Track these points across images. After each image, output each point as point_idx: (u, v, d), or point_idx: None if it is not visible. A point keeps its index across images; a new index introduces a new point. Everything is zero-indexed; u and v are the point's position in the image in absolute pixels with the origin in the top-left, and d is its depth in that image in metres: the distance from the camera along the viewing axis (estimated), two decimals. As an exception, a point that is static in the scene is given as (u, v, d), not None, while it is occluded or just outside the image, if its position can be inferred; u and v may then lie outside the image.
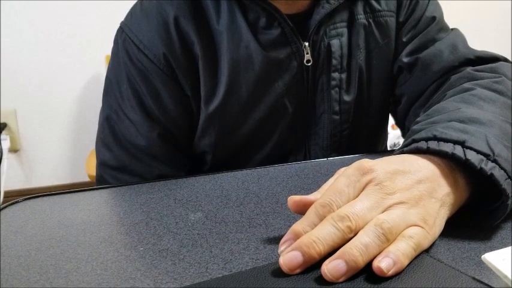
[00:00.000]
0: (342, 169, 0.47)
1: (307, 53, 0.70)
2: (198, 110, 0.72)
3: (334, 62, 0.72)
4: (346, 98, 0.74)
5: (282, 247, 0.41)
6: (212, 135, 0.72)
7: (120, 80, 0.71)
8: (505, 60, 0.73)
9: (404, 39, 0.75)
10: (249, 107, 0.71)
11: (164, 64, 0.68)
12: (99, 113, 0.75)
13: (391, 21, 0.75)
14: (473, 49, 0.73)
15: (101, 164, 0.74)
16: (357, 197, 0.42)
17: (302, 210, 0.44)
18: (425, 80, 0.73)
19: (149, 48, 0.68)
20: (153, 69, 0.69)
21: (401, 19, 0.76)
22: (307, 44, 0.70)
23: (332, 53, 0.72)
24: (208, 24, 0.69)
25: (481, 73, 0.67)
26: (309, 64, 0.71)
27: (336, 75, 0.73)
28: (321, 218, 0.41)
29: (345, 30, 0.72)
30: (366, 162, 0.44)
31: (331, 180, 0.47)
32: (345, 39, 0.72)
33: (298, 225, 0.41)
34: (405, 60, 0.75)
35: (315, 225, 0.41)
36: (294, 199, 0.45)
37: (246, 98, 0.70)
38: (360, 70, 0.74)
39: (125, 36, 0.71)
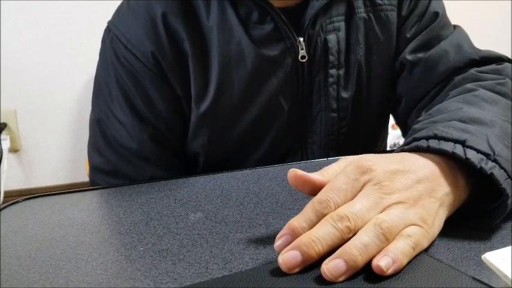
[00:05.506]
0: (348, 158, 0.47)
1: (302, 49, 0.69)
2: (189, 109, 0.70)
3: (331, 58, 0.71)
4: (344, 94, 0.73)
5: (277, 242, 0.41)
6: (204, 136, 0.71)
7: (109, 81, 0.70)
8: (509, 61, 0.72)
9: (408, 35, 0.74)
10: (242, 106, 0.70)
11: (153, 63, 0.67)
12: (89, 116, 0.74)
13: (392, 15, 0.74)
14: (478, 49, 0.73)
15: (93, 169, 0.73)
16: (354, 195, 0.42)
17: (300, 186, 0.44)
18: (429, 82, 0.72)
19: (137, 47, 0.67)
20: (142, 69, 0.67)
21: (403, 13, 0.74)
22: (301, 39, 0.68)
23: (329, 49, 0.70)
24: (198, 20, 0.68)
25: (485, 74, 0.67)
26: (304, 60, 0.69)
27: (333, 71, 0.71)
28: (318, 214, 0.41)
29: (342, 25, 0.71)
30: (365, 161, 0.44)
31: (333, 165, 0.46)
32: (342, 33, 0.71)
33: (295, 221, 0.41)
34: (409, 57, 0.73)
35: (311, 221, 0.41)
36: (296, 173, 0.44)
37: (239, 96, 0.69)
38: (359, 66, 0.73)
39: (112, 36, 0.69)
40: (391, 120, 0.84)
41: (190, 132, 0.72)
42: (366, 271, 0.38)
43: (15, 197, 1.17)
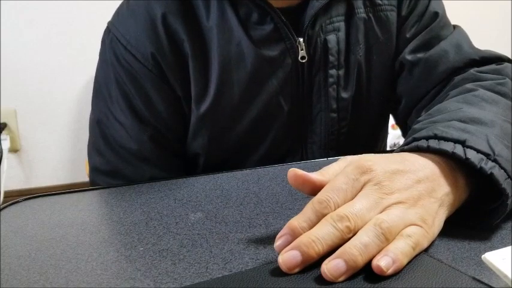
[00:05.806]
0: (348, 158, 0.47)
1: (302, 49, 0.69)
2: (189, 110, 0.70)
3: (331, 58, 0.71)
4: (344, 94, 0.73)
5: (277, 242, 0.41)
6: (204, 136, 0.71)
7: (109, 82, 0.70)
8: (509, 60, 0.72)
9: (407, 35, 0.74)
10: (242, 107, 0.70)
11: (153, 64, 0.67)
12: (89, 116, 0.74)
13: (392, 15, 0.74)
14: (477, 49, 0.73)
15: (93, 170, 0.73)
16: (354, 195, 0.42)
17: (300, 186, 0.44)
18: (429, 82, 0.72)
19: (137, 48, 0.67)
20: (142, 70, 0.67)
21: (403, 13, 0.74)
22: (301, 39, 0.68)
23: (329, 49, 0.70)
24: (197, 21, 0.68)
25: (485, 74, 0.67)
26: (304, 61, 0.69)
27: (333, 72, 0.71)
28: (317, 214, 0.41)
29: (341, 25, 0.71)
30: (365, 161, 0.44)
31: (333, 165, 0.46)
32: (342, 34, 0.71)
33: (294, 221, 0.41)
34: (408, 57, 0.73)
35: (311, 221, 0.41)
36: (296, 173, 0.44)
37: (239, 97, 0.69)
38: (359, 66, 0.73)
39: (111, 36, 0.69)
40: (391, 120, 0.84)
41: (190, 133, 0.72)
42: (366, 271, 0.38)
43: (15, 197, 1.17)
